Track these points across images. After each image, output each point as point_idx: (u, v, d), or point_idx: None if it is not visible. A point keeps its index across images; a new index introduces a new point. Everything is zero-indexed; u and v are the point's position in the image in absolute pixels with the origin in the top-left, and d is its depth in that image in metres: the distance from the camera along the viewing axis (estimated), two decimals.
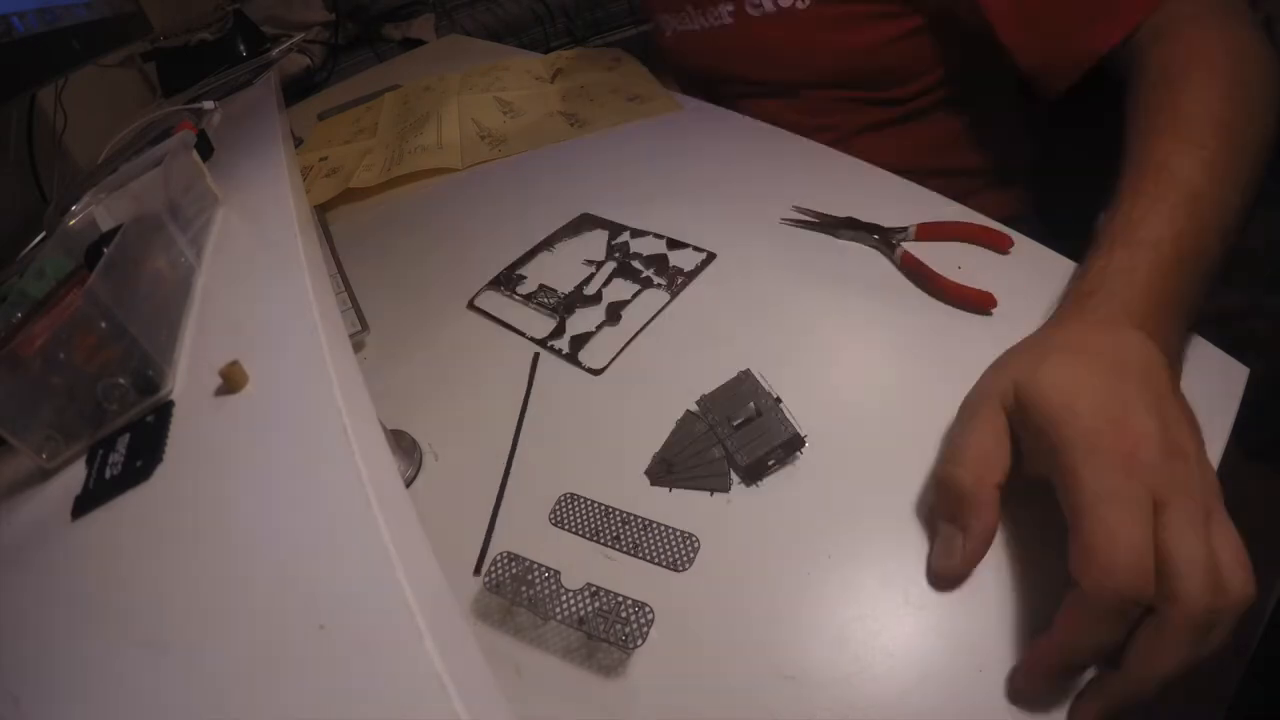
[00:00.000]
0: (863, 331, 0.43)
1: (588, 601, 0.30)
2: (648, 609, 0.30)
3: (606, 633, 0.29)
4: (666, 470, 0.36)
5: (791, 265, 0.49)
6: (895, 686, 0.27)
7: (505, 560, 0.32)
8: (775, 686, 0.28)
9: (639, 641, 0.29)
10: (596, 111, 0.76)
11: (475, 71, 0.96)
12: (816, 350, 0.42)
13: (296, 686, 0.19)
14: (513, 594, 0.31)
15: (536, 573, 0.31)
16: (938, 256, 0.45)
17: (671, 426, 0.39)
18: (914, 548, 0.32)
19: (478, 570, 0.35)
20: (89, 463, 0.30)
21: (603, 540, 0.34)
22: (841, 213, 0.50)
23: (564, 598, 0.30)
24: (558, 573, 0.31)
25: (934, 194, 0.51)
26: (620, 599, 0.30)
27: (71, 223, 0.42)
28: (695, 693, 0.29)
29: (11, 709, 0.21)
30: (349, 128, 0.90)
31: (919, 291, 0.44)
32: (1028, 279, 0.42)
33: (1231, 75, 0.40)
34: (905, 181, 0.53)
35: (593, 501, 0.36)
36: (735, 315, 0.46)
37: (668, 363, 0.44)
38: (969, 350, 0.37)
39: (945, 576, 0.30)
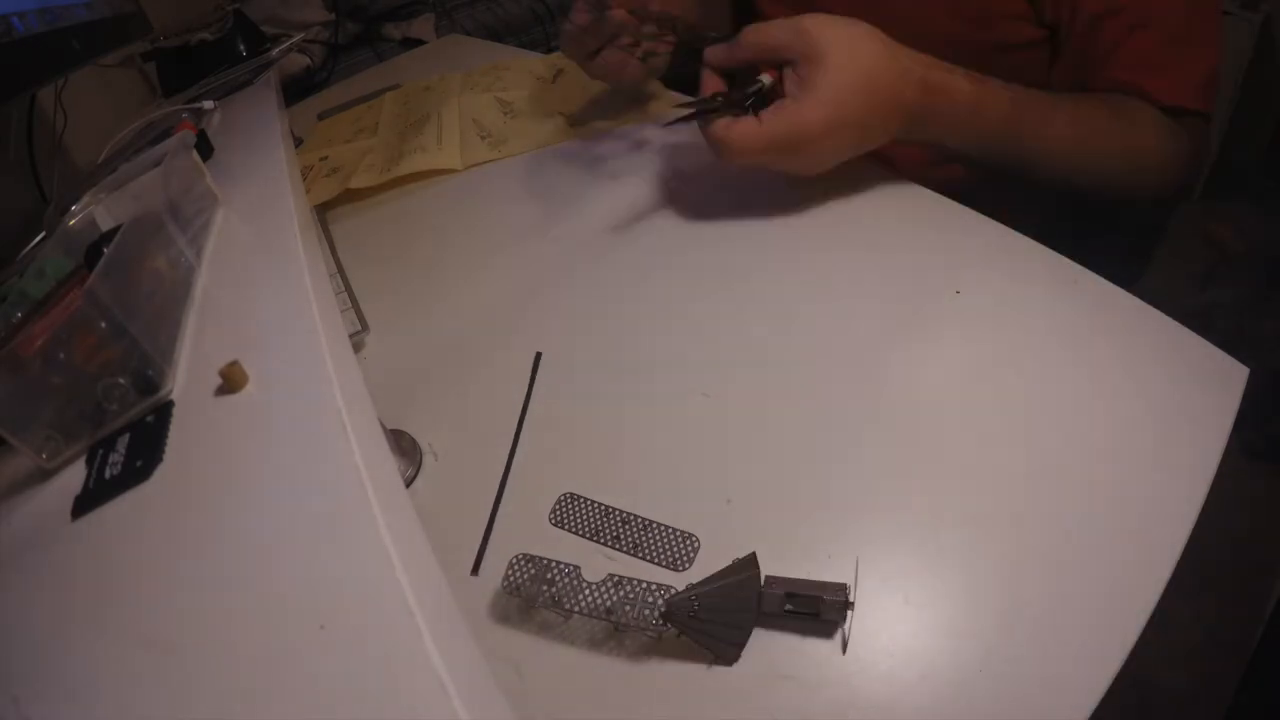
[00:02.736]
0: (858, 324, 0.43)
1: (612, 591, 0.30)
2: (674, 591, 0.30)
3: (635, 618, 0.29)
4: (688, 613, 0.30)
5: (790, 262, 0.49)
6: (895, 686, 0.27)
7: (522, 561, 0.32)
8: (775, 686, 0.28)
9: (668, 624, 0.29)
10: (597, 113, 0.76)
11: (477, 71, 0.96)
12: (809, 349, 0.42)
13: (297, 686, 0.19)
14: (533, 594, 0.31)
15: (556, 570, 0.31)
16: None
17: (672, 421, 0.39)
18: (914, 548, 0.32)
19: (475, 570, 0.35)
20: (89, 463, 0.30)
21: (603, 540, 0.34)
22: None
23: (587, 591, 0.30)
24: (578, 567, 0.31)
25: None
26: (645, 585, 0.30)
27: (71, 223, 0.42)
28: (695, 692, 0.29)
29: (11, 709, 0.21)
30: (349, 127, 0.89)
31: None
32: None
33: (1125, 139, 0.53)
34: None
35: (593, 501, 0.36)
36: (740, 316, 0.46)
37: (672, 360, 0.44)
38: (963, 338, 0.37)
39: None
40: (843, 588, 0.29)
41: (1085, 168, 0.53)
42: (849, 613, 0.29)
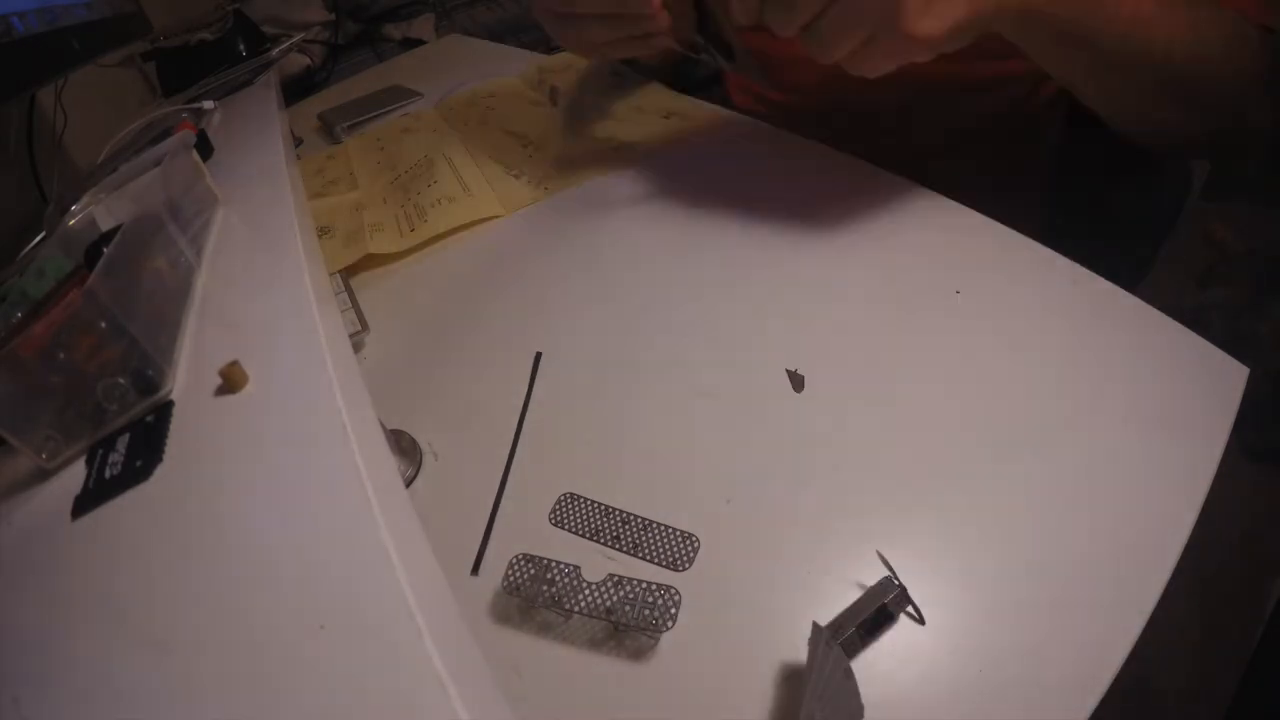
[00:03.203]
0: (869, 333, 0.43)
1: (612, 591, 0.30)
2: (673, 591, 0.30)
3: (635, 619, 0.29)
4: None
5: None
6: (895, 686, 0.27)
7: (522, 561, 0.32)
8: (775, 687, 0.28)
9: (668, 624, 0.29)
10: (634, 133, 0.68)
11: (456, 103, 0.87)
12: (807, 349, 0.42)
13: (296, 686, 0.19)
14: (533, 594, 0.31)
15: (556, 570, 0.31)
16: None
17: (672, 421, 0.39)
18: (914, 548, 0.32)
19: (475, 570, 0.35)
20: (89, 463, 0.30)
21: (603, 540, 0.34)
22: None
23: (586, 591, 0.30)
24: (578, 567, 0.31)
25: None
26: (645, 585, 0.30)
27: (71, 223, 0.42)
28: (695, 692, 0.29)
29: (12, 709, 0.21)
30: (314, 179, 0.78)
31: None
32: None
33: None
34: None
35: (593, 501, 0.36)
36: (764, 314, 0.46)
37: (672, 359, 0.44)
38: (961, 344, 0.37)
39: None
40: (887, 581, 0.30)
41: (1184, 53, 0.45)
42: (908, 597, 0.29)
